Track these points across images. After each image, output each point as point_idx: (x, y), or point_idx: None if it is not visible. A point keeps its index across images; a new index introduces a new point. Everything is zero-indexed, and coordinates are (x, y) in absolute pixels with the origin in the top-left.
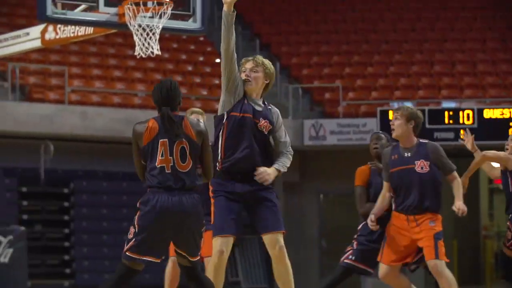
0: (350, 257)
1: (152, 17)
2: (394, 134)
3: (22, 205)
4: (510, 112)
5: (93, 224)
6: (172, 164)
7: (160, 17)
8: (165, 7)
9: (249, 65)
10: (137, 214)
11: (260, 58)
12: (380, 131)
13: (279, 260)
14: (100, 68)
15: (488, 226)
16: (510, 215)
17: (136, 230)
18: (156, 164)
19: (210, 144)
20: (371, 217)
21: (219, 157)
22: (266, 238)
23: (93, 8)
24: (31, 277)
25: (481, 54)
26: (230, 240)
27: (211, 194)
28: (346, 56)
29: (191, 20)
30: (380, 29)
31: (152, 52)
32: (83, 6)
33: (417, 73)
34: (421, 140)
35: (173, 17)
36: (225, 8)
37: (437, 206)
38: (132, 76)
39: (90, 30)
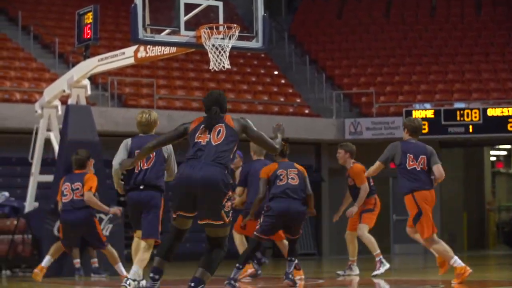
0: None
1: (223, 38)
2: None
3: None
4: (508, 110)
5: None
6: (208, 140)
7: (230, 38)
8: (233, 30)
9: None
10: None
11: None
12: None
13: None
14: (182, 79)
15: (491, 202)
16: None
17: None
18: (195, 140)
19: (255, 131)
20: None
21: None
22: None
23: (175, 32)
24: (127, 247)
25: (485, 64)
26: None
27: None
28: (378, 68)
29: (254, 40)
30: (404, 46)
31: (224, 66)
32: (167, 31)
33: (434, 81)
34: None
35: (240, 38)
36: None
37: None
38: (207, 86)
39: (173, 49)
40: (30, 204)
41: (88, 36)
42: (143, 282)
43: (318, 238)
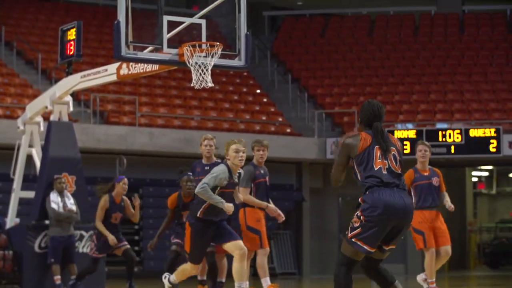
0: None
1: (205, 56)
2: None
3: None
4: (490, 131)
5: (158, 222)
6: (387, 167)
7: (212, 56)
8: (216, 48)
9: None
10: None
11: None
12: None
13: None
14: (164, 97)
15: (472, 223)
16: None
17: (363, 222)
18: (375, 166)
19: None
20: None
21: None
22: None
23: (158, 50)
24: (108, 264)
25: (467, 85)
26: None
27: None
28: (360, 87)
29: (237, 58)
30: (387, 66)
31: (207, 84)
32: (150, 48)
33: (417, 101)
34: None
35: (223, 56)
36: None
37: None
38: (189, 104)
39: (156, 67)
40: (11, 220)
41: (71, 53)
42: None
43: (298, 257)
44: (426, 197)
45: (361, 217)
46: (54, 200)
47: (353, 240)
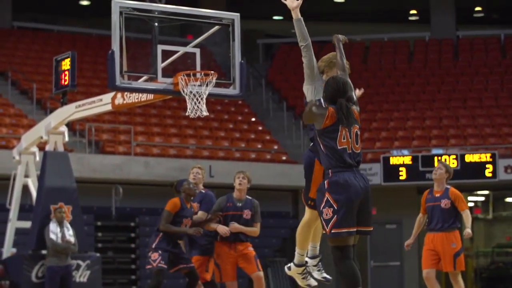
0: None
1: (200, 85)
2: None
3: (97, 236)
4: (486, 156)
5: None
6: (351, 146)
7: (207, 85)
8: (210, 77)
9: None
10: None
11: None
12: None
13: None
14: (159, 126)
15: (469, 248)
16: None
17: (335, 208)
18: (339, 145)
19: None
20: None
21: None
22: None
23: (153, 79)
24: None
25: (462, 110)
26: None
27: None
28: None
29: (231, 87)
30: (382, 92)
31: (202, 113)
32: (145, 77)
33: (412, 127)
34: None
35: (217, 85)
36: (293, 15)
37: None
38: (185, 133)
39: (151, 96)
40: (8, 250)
41: (66, 83)
42: None
43: (295, 284)
44: (431, 219)
45: (331, 202)
46: (53, 231)
47: (333, 231)
